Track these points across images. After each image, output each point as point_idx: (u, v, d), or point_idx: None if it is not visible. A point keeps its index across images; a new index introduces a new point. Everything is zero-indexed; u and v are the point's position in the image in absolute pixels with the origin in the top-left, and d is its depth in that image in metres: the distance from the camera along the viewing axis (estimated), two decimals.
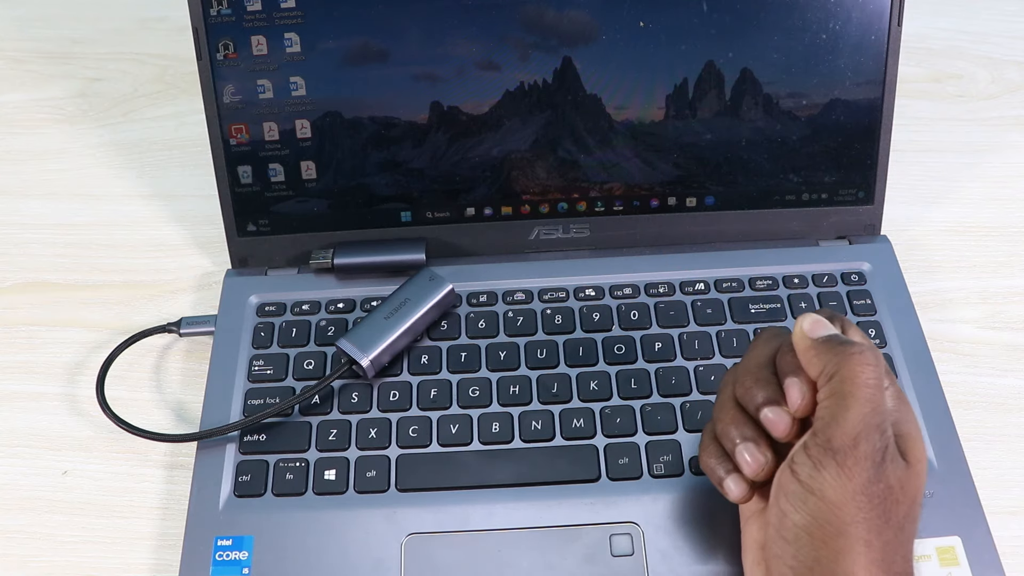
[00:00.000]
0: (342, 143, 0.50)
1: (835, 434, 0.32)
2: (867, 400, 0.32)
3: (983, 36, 0.68)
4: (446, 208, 0.52)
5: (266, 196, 0.51)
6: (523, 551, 0.42)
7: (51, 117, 0.65)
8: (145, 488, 0.47)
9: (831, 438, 0.32)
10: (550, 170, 0.51)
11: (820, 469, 0.32)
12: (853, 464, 0.32)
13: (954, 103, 0.64)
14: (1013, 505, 0.44)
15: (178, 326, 0.51)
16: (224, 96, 0.49)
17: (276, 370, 0.48)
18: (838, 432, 0.32)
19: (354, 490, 0.44)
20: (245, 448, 0.45)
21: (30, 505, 0.46)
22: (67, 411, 0.50)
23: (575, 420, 0.46)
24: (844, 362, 0.33)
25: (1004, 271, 0.54)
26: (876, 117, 0.50)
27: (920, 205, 0.58)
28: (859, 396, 0.32)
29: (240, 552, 0.42)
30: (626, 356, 0.48)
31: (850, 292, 0.50)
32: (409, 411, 0.46)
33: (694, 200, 0.52)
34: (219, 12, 0.48)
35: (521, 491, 0.44)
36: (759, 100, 0.50)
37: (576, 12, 0.48)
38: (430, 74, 0.49)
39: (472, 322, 0.50)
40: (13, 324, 0.54)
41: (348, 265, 0.51)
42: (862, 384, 0.32)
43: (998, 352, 0.50)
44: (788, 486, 0.33)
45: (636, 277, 0.51)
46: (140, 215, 0.59)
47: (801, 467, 0.33)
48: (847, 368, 0.33)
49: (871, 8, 0.48)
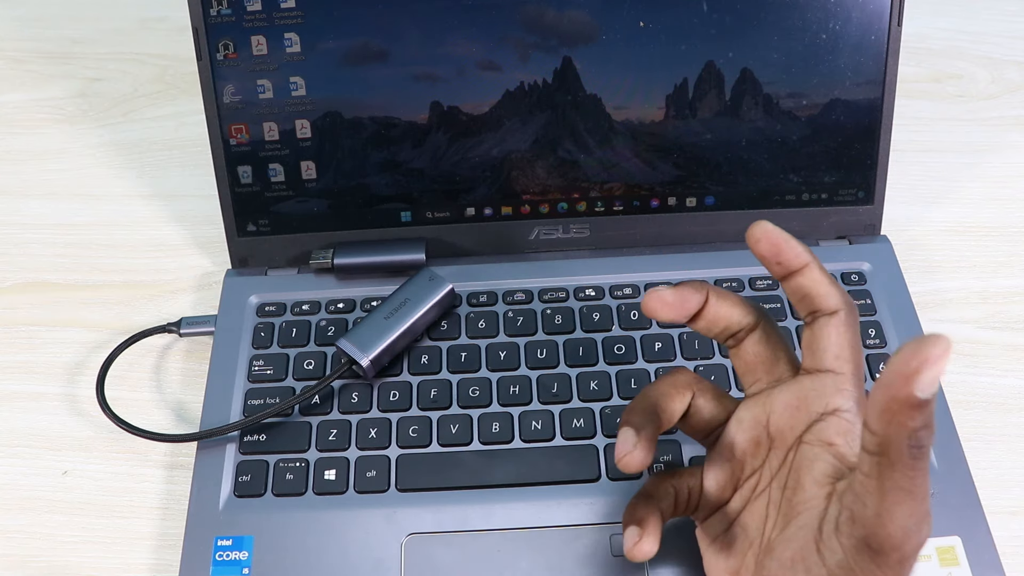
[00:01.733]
0: (342, 143, 0.50)
1: (877, 532, 0.28)
2: (922, 498, 0.28)
3: (983, 36, 0.68)
4: (446, 208, 0.52)
5: (266, 196, 0.51)
6: (523, 551, 0.42)
7: (51, 117, 0.65)
8: (145, 488, 0.47)
9: (870, 535, 0.28)
10: (550, 170, 0.51)
11: (854, 568, 0.29)
12: (889, 568, 0.29)
13: (954, 103, 0.64)
14: (1013, 505, 0.45)
15: (178, 326, 0.51)
16: (224, 96, 0.49)
17: (276, 370, 0.48)
18: (881, 531, 0.28)
19: (354, 490, 0.44)
20: (245, 448, 0.45)
21: (30, 505, 0.46)
22: (67, 411, 0.50)
23: (575, 420, 0.46)
24: (900, 449, 0.27)
25: (1004, 271, 0.54)
26: (876, 117, 0.50)
27: (920, 205, 0.58)
28: (916, 493, 0.27)
29: (240, 552, 0.42)
30: (626, 356, 0.48)
31: (850, 292, 0.50)
32: (409, 411, 0.46)
33: (694, 200, 0.52)
34: (219, 12, 0.48)
35: (521, 491, 0.44)
36: (759, 100, 0.50)
37: (576, 12, 0.48)
38: (430, 74, 0.49)
39: (472, 322, 0.50)
40: (13, 324, 0.54)
41: (348, 265, 0.51)
42: (921, 480, 0.27)
43: (998, 352, 0.50)
44: (813, 568, 0.31)
45: (636, 277, 0.51)
46: (140, 215, 0.59)
47: (830, 554, 0.30)
48: (903, 459, 0.27)
49: (871, 8, 0.48)
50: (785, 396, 0.34)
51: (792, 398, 0.34)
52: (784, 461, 0.34)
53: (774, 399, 0.35)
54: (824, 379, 0.33)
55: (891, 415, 0.26)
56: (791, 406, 0.34)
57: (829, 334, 0.33)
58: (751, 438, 0.35)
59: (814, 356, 0.34)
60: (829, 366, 0.33)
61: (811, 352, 0.34)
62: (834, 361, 0.33)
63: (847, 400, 0.33)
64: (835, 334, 0.33)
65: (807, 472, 0.33)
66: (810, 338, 0.34)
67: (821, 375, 0.34)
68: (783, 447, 0.34)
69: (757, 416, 0.35)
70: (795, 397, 0.34)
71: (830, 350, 0.33)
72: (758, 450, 0.35)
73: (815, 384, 0.34)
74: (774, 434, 0.35)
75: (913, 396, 0.25)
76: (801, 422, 0.34)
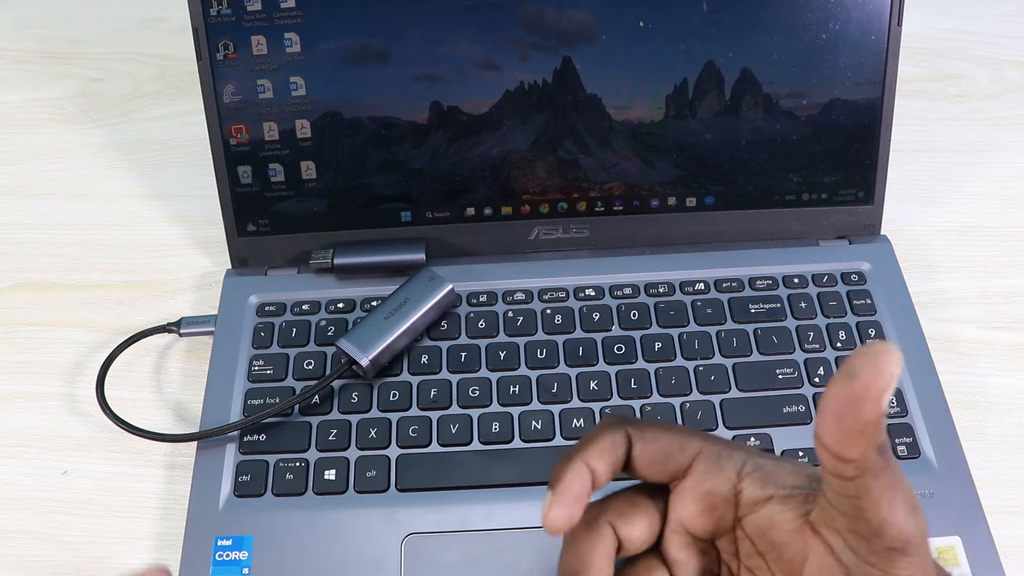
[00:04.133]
0: (342, 143, 0.50)
1: (892, 534, 0.28)
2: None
3: (983, 36, 0.68)
4: (446, 208, 0.52)
5: (266, 196, 0.51)
6: (523, 551, 0.42)
7: (51, 117, 0.65)
8: (145, 488, 0.47)
9: (890, 541, 0.28)
10: (550, 170, 0.51)
11: (898, 573, 0.28)
12: (917, 553, 0.28)
13: (954, 103, 0.64)
14: (1013, 505, 0.44)
15: (178, 326, 0.51)
16: (224, 96, 0.49)
17: (276, 370, 0.48)
18: (895, 532, 0.28)
19: (354, 490, 0.44)
20: (245, 448, 0.45)
21: (30, 505, 0.46)
22: (67, 411, 0.50)
23: (575, 420, 0.46)
24: None
25: (1004, 271, 0.54)
26: (876, 117, 0.50)
27: (920, 205, 0.58)
28: (901, 483, 0.28)
29: (240, 552, 0.42)
30: (626, 356, 0.48)
31: (850, 292, 0.50)
32: (409, 411, 0.46)
33: (694, 200, 0.52)
34: (219, 12, 0.48)
35: (521, 491, 0.44)
36: (759, 100, 0.50)
37: (576, 12, 0.48)
38: (430, 74, 0.49)
39: (472, 322, 0.50)
40: (13, 324, 0.53)
41: (348, 265, 0.51)
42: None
43: (998, 352, 0.50)
44: None
45: (636, 277, 0.51)
46: (140, 215, 0.59)
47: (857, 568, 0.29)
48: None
49: (871, 8, 0.48)
50: (687, 509, 0.32)
51: (695, 508, 0.32)
52: (736, 542, 0.33)
53: (677, 512, 0.33)
54: (699, 464, 0.32)
55: (866, 438, 0.26)
56: (701, 510, 0.32)
57: (655, 439, 0.32)
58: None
59: (668, 459, 0.32)
60: (691, 454, 0.32)
61: (659, 460, 0.32)
62: (687, 448, 0.32)
63: (735, 458, 0.32)
64: (661, 435, 0.32)
65: (774, 531, 0.31)
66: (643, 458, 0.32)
67: (693, 467, 0.32)
68: (724, 535, 0.33)
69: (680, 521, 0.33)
70: (696, 502, 0.32)
71: (672, 446, 0.32)
72: None
73: (698, 475, 0.32)
74: (703, 535, 0.33)
75: (881, 413, 0.26)
76: (726, 511, 0.32)
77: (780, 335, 0.49)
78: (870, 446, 0.27)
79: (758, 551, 0.32)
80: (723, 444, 0.32)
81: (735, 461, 0.32)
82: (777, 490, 0.31)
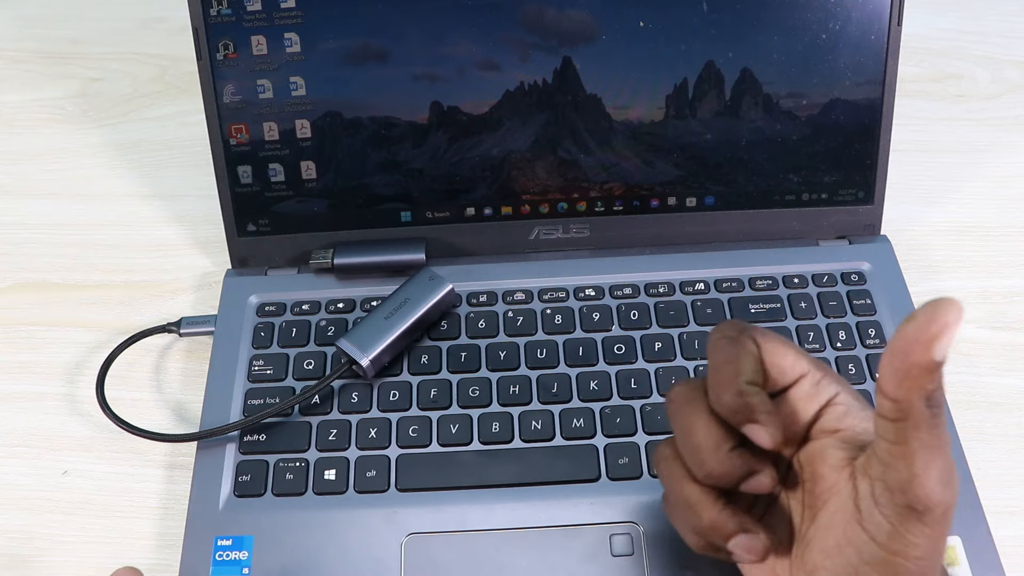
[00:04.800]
0: (342, 143, 0.50)
1: (917, 493, 0.28)
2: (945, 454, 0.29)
3: (983, 36, 0.68)
4: (446, 208, 0.52)
5: (266, 196, 0.51)
6: (523, 551, 0.42)
7: (51, 117, 0.65)
8: (145, 488, 0.47)
9: (912, 498, 0.28)
10: (550, 170, 0.51)
11: (904, 535, 0.29)
12: (936, 524, 0.29)
13: (954, 103, 0.64)
14: (1013, 505, 0.45)
15: (178, 326, 0.51)
16: (224, 96, 0.49)
17: (276, 370, 0.48)
18: (921, 491, 0.28)
19: (354, 490, 0.44)
20: (245, 448, 0.45)
21: (30, 505, 0.46)
22: (67, 411, 0.50)
23: (575, 420, 0.46)
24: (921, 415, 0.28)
25: (1004, 271, 0.54)
26: (876, 117, 0.50)
27: (920, 205, 0.58)
28: (942, 447, 0.28)
29: (240, 552, 0.42)
30: (626, 356, 0.48)
31: (850, 292, 0.50)
32: (409, 411, 0.46)
33: (694, 200, 0.52)
34: (219, 12, 0.48)
35: (521, 491, 0.44)
36: (759, 100, 0.50)
37: (576, 12, 0.48)
38: (430, 74, 0.49)
39: (472, 322, 0.50)
40: (13, 324, 0.54)
41: (348, 265, 0.51)
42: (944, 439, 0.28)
43: (998, 352, 0.50)
44: (863, 547, 0.30)
45: (636, 277, 0.51)
46: (140, 215, 0.59)
47: (877, 528, 0.30)
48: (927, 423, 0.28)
49: (871, 8, 0.48)
50: None
51: (783, 412, 0.34)
52: (791, 462, 0.35)
53: None
54: (800, 385, 0.34)
55: (911, 380, 0.27)
56: (784, 417, 0.34)
57: (775, 350, 0.34)
58: None
59: (780, 373, 0.34)
60: (798, 373, 0.34)
61: (773, 372, 0.34)
62: (796, 367, 0.34)
63: (831, 388, 0.34)
64: (780, 348, 0.34)
65: (821, 463, 0.33)
66: (764, 363, 0.34)
67: (795, 386, 0.34)
68: (787, 451, 0.35)
69: None
70: (784, 409, 0.34)
71: (786, 361, 0.34)
72: None
73: (796, 393, 0.34)
74: None
75: (932, 360, 0.26)
76: (800, 426, 0.34)
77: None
78: (914, 390, 0.27)
79: (803, 477, 0.34)
80: (825, 371, 0.34)
81: (830, 391, 0.33)
82: (846, 428, 0.33)
